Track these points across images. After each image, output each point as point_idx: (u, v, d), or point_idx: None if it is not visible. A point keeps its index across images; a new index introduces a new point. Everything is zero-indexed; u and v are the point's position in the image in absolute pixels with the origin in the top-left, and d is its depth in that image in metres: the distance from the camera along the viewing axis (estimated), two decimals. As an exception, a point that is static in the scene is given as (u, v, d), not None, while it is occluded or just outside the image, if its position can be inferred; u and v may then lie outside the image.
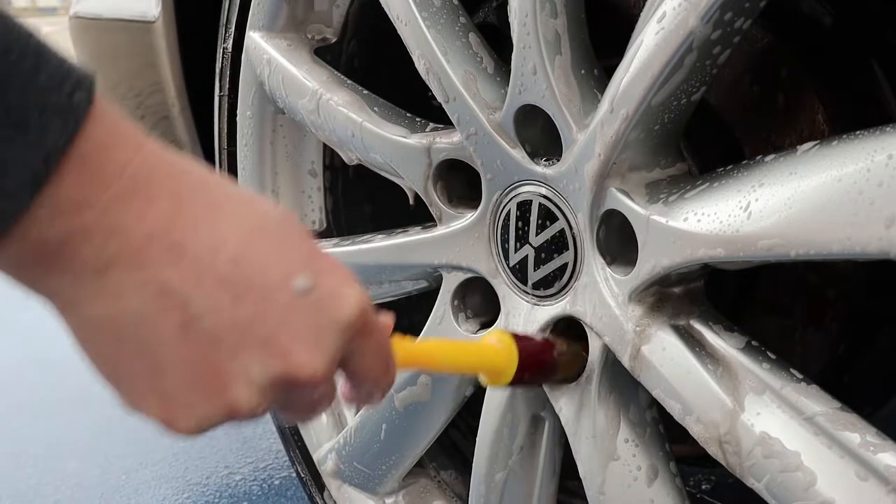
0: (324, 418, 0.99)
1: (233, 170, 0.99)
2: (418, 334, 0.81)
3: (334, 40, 0.90)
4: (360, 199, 0.99)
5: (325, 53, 0.90)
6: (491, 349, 0.64)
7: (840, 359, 0.73)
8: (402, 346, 0.55)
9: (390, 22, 0.76)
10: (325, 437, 0.99)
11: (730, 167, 0.56)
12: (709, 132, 0.73)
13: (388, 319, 0.53)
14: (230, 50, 0.94)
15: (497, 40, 0.80)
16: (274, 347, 0.45)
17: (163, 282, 0.43)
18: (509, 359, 0.63)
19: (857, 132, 0.49)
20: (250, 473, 1.44)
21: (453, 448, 0.96)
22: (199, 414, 0.45)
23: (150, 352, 0.44)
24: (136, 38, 1.17)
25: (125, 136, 0.42)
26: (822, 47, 0.71)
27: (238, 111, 0.95)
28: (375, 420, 0.88)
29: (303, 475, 1.02)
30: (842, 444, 0.52)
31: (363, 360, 0.50)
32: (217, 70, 0.98)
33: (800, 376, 0.55)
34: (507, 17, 0.65)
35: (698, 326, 0.60)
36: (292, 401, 0.48)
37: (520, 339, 0.65)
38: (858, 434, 0.51)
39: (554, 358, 0.67)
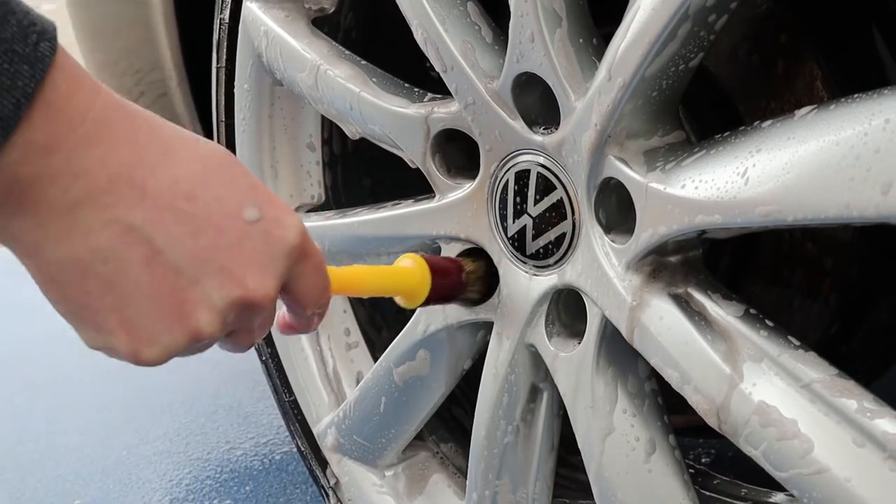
0: (324, 393, 0.99)
1: (231, 142, 0.98)
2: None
3: (332, 10, 0.90)
4: (359, 173, 0.98)
5: (323, 24, 0.89)
6: (407, 271, 0.69)
7: (838, 328, 0.73)
8: (332, 271, 0.59)
9: (387, -8, 0.76)
10: (324, 411, 0.99)
11: (727, 133, 0.56)
12: (708, 99, 0.72)
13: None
14: (227, 21, 0.93)
15: (496, 9, 0.79)
16: (231, 273, 0.49)
17: (128, 221, 0.46)
18: (423, 280, 0.68)
19: (856, 95, 0.49)
20: (251, 448, 1.44)
21: (453, 421, 0.96)
22: (165, 342, 0.49)
23: (118, 286, 0.47)
24: (134, 12, 1.17)
25: (84, 83, 0.45)
26: (822, 12, 0.71)
27: (236, 84, 0.94)
28: (374, 393, 0.88)
29: (303, 449, 1.02)
30: (839, 410, 0.51)
31: (304, 282, 0.55)
32: (214, 41, 0.98)
33: (797, 343, 0.55)
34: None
35: (696, 295, 0.59)
36: (243, 324, 0.53)
37: (431, 262, 0.70)
38: (855, 400, 0.51)
39: (462, 278, 0.72)
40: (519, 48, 0.64)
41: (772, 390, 0.54)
